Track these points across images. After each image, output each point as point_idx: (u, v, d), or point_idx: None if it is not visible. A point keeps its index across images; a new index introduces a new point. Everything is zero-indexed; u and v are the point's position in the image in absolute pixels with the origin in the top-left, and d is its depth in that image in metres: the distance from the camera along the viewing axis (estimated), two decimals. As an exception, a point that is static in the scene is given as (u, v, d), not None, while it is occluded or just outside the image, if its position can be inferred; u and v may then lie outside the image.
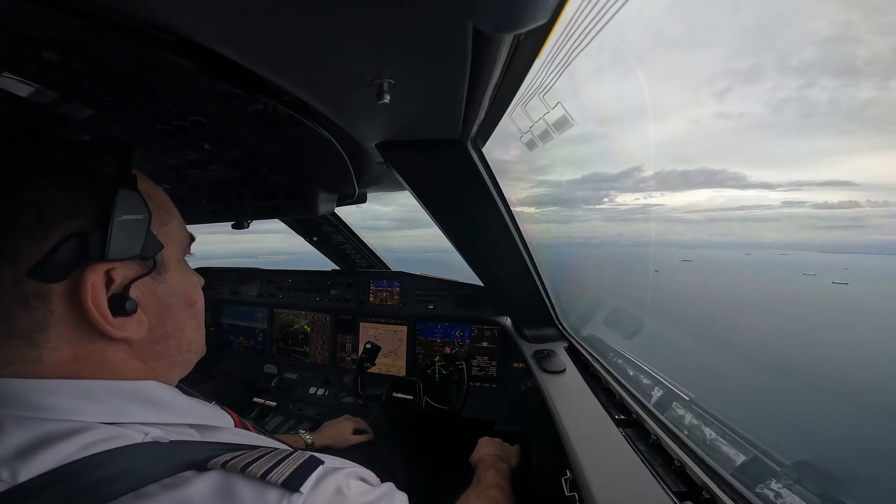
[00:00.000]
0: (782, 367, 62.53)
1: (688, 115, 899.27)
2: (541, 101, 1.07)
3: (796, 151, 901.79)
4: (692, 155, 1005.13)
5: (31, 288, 0.50)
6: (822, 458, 1.25)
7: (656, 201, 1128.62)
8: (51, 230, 0.50)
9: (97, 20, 0.58)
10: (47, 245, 0.50)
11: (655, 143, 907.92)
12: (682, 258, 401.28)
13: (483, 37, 0.60)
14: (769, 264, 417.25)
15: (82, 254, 0.52)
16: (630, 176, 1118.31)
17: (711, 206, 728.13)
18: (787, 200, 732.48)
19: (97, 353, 0.57)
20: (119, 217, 0.54)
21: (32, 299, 0.51)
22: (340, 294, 2.74)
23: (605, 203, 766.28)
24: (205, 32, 0.58)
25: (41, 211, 0.50)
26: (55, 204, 0.51)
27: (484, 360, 2.39)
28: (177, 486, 0.49)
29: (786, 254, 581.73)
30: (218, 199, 1.65)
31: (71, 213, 0.52)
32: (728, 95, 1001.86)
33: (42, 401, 0.52)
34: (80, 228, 0.52)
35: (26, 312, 0.51)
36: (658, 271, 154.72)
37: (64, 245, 0.51)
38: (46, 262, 0.50)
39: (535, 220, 1.56)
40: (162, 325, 0.65)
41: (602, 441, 1.18)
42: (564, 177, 62.17)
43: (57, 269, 0.51)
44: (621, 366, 1.76)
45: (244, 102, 0.91)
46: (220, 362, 3.09)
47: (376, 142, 1.06)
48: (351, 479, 0.59)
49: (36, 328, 0.52)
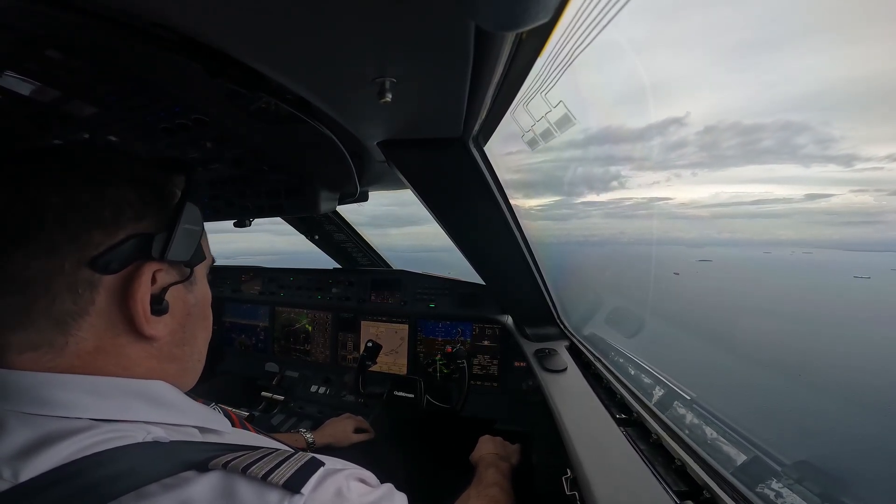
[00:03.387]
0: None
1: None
2: (543, 100, 1.07)
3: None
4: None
5: (84, 276, 0.53)
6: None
7: (664, 194, 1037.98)
8: (121, 227, 0.56)
9: (100, 19, 0.58)
10: (115, 239, 0.55)
11: (718, 84, 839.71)
12: (698, 258, 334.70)
13: (485, 35, 0.60)
14: (801, 265, 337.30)
15: (142, 252, 0.58)
16: (663, 132, 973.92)
17: (717, 201, 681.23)
18: (811, 193, 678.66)
19: (118, 347, 0.58)
20: (183, 225, 0.61)
21: (82, 286, 0.53)
22: (342, 292, 2.74)
23: (614, 186, 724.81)
24: (207, 31, 0.58)
25: (118, 209, 0.56)
26: (130, 206, 0.57)
27: (485, 359, 2.39)
28: (177, 486, 0.49)
29: (810, 252, 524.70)
30: (220, 197, 1.66)
31: (141, 217, 0.58)
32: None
33: (49, 395, 0.52)
34: (145, 230, 0.58)
35: (71, 298, 0.53)
36: (678, 274, 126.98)
37: (129, 242, 0.56)
38: (108, 254, 0.54)
39: (534, 217, 1.56)
40: (182, 330, 0.68)
41: (603, 440, 1.18)
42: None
43: (115, 261, 0.55)
44: (622, 365, 1.76)
45: (246, 101, 0.91)
46: (222, 361, 3.09)
47: (378, 140, 1.06)
48: (351, 480, 0.60)
49: (73, 315, 0.54)
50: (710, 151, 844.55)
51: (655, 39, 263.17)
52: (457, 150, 1.06)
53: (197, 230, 0.66)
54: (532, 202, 1.72)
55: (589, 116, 1.73)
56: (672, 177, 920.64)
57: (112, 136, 1.15)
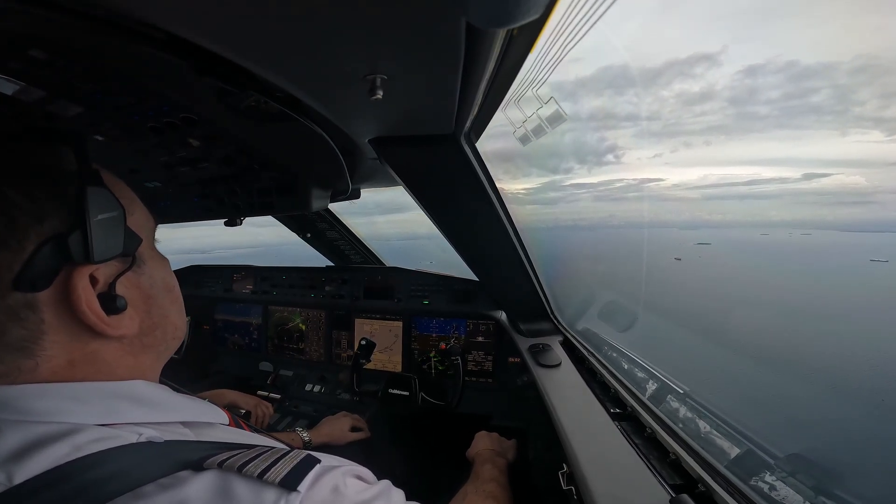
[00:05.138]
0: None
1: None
2: (534, 96, 1.07)
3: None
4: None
5: (17, 300, 0.49)
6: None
7: (656, 175, 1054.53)
8: (25, 237, 0.49)
9: (85, 18, 0.57)
10: (25, 253, 0.48)
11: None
12: (695, 241, 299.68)
13: (476, 32, 0.60)
14: (807, 247, 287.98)
15: (63, 257, 0.51)
16: (690, 72, 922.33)
17: (707, 182, 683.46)
18: (809, 173, 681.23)
19: (91, 354, 0.57)
20: (94, 217, 0.53)
21: (22, 311, 0.50)
22: (335, 290, 2.74)
23: (609, 157, 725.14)
24: (194, 29, 0.57)
25: (6, 217, 0.48)
26: (19, 208, 0.49)
27: (479, 355, 2.40)
28: (173, 485, 0.49)
29: (809, 233, 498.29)
30: (210, 196, 1.64)
31: (39, 217, 0.50)
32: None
33: (31, 405, 0.51)
34: (53, 231, 0.50)
35: (18, 325, 0.50)
36: (680, 259, 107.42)
37: (42, 250, 0.49)
38: (27, 270, 0.48)
39: (523, 202, 1.54)
40: (149, 316, 0.65)
41: (598, 435, 1.19)
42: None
43: (40, 276, 0.50)
44: (616, 359, 1.77)
45: (235, 99, 0.90)
46: (215, 361, 3.08)
47: (370, 137, 1.05)
48: (348, 477, 0.59)
49: (30, 339, 0.51)
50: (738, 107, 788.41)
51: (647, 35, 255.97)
52: (449, 146, 1.05)
53: (115, 215, 0.57)
54: (520, 185, 1.70)
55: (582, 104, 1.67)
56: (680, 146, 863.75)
57: (98, 135, 1.13)
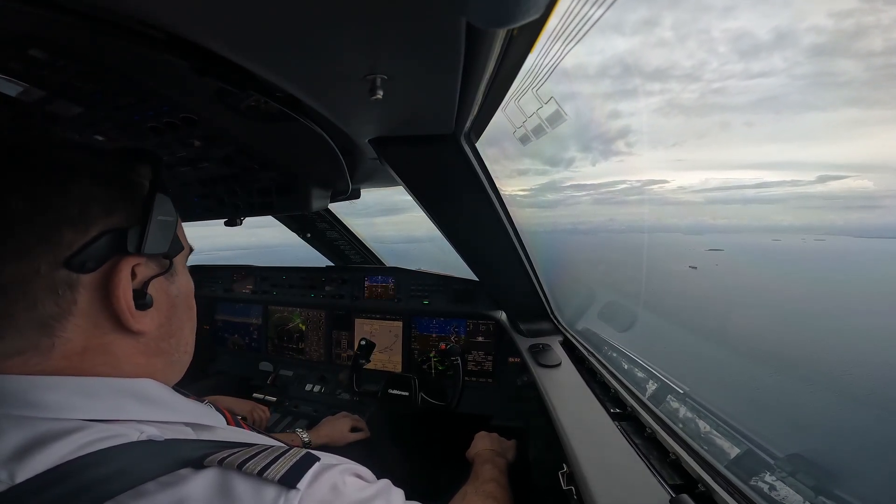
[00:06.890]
0: None
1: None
2: (534, 96, 1.07)
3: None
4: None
5: (62, 276, 0.53)
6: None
7: (660, 177, 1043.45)
8: (92, 223, 0.55)
9: (84, 18, 0.57)
10: (87, 237, 0.54)
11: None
12: (702, 246, 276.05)
13: (476, 32, 0.60)
14: (827, 254, 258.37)
15: (117, 247, 0.57)
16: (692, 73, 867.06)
17: (710, 185, 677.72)
18: (823, 175, 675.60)
19: (106, 345, 0.58)
20: (156, 217, 0.60)
21: (61, 287, 0.53)
22: (335, 290, 2.74)
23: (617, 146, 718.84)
24: (195, 29, 0.57)
25: (84, 205, 0.55)
26: (96, 200, 0.56)
27: (479, 355, 2.40)
28: (174, 483, 0.49)
29: (822, 239, 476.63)
30: (210, 196, 1.64)
31: (110, 211, 0.57)
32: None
33: (40, 397, 0.52)
34: (117, 225, 0.57)
35: (52, 300, 0.52)
36: (696, 268, 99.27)
37: (102, 238, 0.55)
38: (83, 252, 0.54)
39: (522, 204, 1.53)
40: (168, 322, 0.68)
41: (598, 435, 1.19)
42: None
43: (91, 259, 0.54)
44: (616, 359, 1.76)
45: (235, 99, 0.90)
46: (215, 361, 3.08)
47: (370, 137, 1.05)
48: (347, 475, 0.59)
49: (56, 317, 0.53)
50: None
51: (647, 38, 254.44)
52: (449, 146, 1.05)
53: (171, 221, 0.65)
54: (523, 184, 1.68)
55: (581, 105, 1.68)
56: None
57: (99, 135, 1.13)
